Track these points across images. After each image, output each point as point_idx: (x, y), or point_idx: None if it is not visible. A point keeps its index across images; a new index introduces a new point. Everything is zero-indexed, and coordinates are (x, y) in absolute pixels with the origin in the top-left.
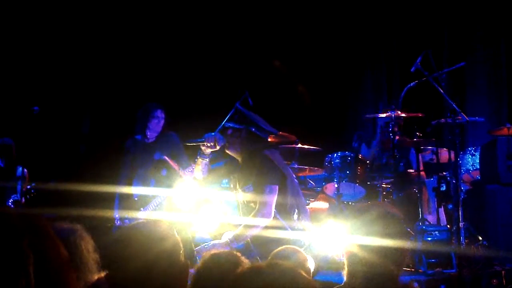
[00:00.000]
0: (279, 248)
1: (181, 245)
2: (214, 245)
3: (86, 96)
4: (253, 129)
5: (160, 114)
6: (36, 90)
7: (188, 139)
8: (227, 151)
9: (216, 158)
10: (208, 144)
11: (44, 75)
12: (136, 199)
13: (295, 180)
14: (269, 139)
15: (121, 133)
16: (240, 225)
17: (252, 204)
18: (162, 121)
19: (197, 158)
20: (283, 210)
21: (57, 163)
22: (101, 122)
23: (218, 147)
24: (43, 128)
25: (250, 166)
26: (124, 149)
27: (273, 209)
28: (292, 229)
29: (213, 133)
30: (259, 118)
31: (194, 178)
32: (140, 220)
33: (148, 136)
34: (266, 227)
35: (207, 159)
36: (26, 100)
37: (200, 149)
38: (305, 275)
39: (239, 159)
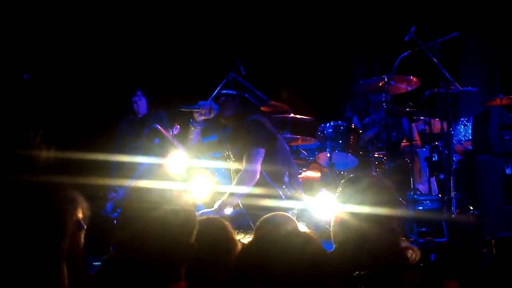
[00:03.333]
0: (269, 214)
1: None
2: (203, 214)
3: (78, 65)
4: (247, 96)
5: (137, 96)
6: (27, 58)
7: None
8: (222, 120)
9: (209, 132)
10: (202, 112)
11: (35, 44)
12: (126, 171)
13: (286, 146)
14: (261, 108)
15: (112, 103)
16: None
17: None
18: (143, 101)
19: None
20: (273, 174)
21: (47, 132)
22: (93, 91)
23: (212, 115)
24: (33, 96)
25: (238, 129)
26: (118, 129)
27: (258, 171)
28: (285, 196)
29: (207, 101)
30: (251, 86)
31: (186, 147)
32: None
33: (138, 115)
34: (259, 194)
35: (199, 128)
36: (16, 67)
37: (193, 117)
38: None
39: (230, 124)
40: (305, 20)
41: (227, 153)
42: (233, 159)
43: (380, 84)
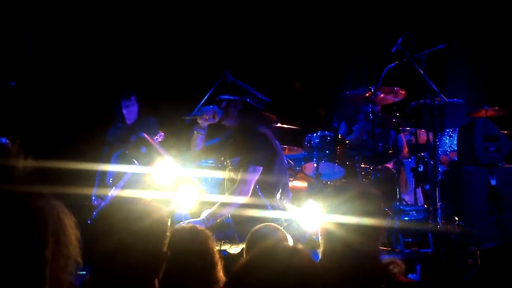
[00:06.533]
0: (259, 226)
1: (167, 228)
2: (190, 223)
3: (65, 71)
4: (248, 100)
5: (131, 101)
6: (13, 64)
7: (172, 116)
8: (223, 123)
9: (211, 135)
10: (207, 117)
11: (21, 50)
12: (111, 179)
13: (285, 160)
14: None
15: (100, 110)
16: (217, 202)
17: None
18: (135, 107)
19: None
20: (267, 189)
21: (34, 139)
22: (80, 98)
23: (216, 120)
24: (19, 103)
25: (241, 140)
26: (106, 138)
27: (251, 188)
28: (272, 207)
29: (211, 106)
30: (252, 88)
31: (192, 149)
32: (124, 198)
33: (127, 122)
34: (247, 205)
35: (204, 133)
36: (2, 74)
37: (197, 123)
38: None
39: (234, 130)
40: (293, 30)
41: (225, 161)
42: (230, 168)
43: (367, 95)
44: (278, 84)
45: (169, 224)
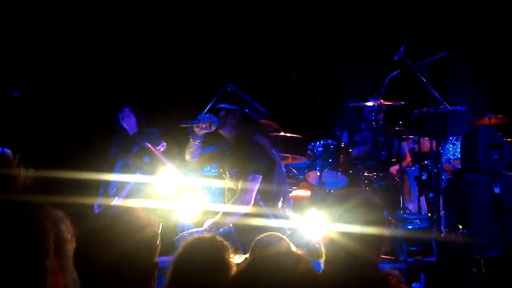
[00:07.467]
0: (263, 235)
1: (159, 238)
2: (192, 234)
3: (66, 82)
4: (247, 110)
5: (125, 113)
6: (17, 76)
7: (175, 126)
8: (220, 132)
9: (208, 143)
10: (203, 126)
11: (25, 61)
12: (114, 189)
13: (283, 169)
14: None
15: (101, 121)
16: (219, 212)
17: (237, 189)
18: (131, 118)
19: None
20: (268, 198)
21: (36, 150)
22: (82, 107)
23: (213, 129)
24: (23, 113)
25: (238, 151)
26: (109, 147)
27: (253, 197)
28: (275, 217)
29: (208, 114)
30: (251, 99)
31: (187, 158)
32: (118, 208)
33: (129, 133)
34: (249, 215)
35: (200, 141)
36: (6, 84)
37: (193, 131)
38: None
39: (231, 140)
40: (295, 38)
41: (224, 173)
42: (229, 179)
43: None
44: (281, 93)
45: (159, 232)
